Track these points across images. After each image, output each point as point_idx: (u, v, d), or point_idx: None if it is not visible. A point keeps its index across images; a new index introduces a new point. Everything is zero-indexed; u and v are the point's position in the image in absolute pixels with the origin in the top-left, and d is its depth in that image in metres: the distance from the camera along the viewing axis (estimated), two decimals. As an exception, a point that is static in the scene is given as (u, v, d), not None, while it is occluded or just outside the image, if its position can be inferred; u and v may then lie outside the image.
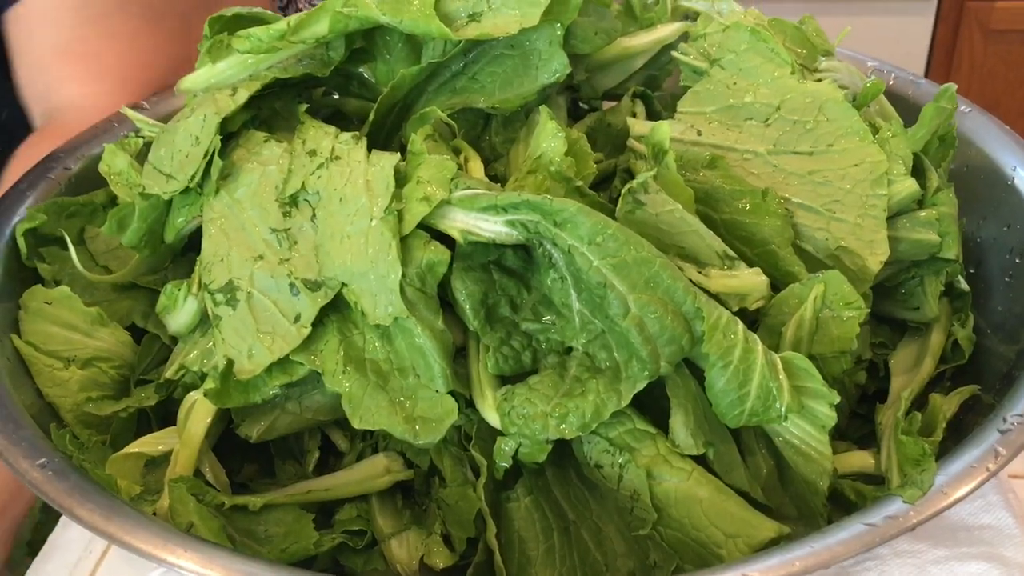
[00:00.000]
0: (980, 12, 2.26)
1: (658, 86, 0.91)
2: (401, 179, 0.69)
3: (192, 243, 0.81)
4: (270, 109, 0.81)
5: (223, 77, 0.80)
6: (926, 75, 2.41)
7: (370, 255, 0.66)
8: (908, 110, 0.89)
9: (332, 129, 0.74)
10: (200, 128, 0.75)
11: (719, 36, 0.82)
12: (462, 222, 0.66)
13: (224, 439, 0.76)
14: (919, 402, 0.78)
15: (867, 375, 0.80)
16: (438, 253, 0.66)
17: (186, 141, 0.76)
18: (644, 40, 0.86)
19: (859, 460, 0.74)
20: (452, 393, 0.67)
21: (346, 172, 0.70)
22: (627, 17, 0.89)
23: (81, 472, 0.66)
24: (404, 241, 0.66)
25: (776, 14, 0.89)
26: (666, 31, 0.86)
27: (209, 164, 0.73)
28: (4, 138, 1.12)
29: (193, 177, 0.74)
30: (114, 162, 0.86)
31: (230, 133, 0.77)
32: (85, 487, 0.64)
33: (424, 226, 0.67)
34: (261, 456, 0.79)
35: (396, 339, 0.67)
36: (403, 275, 0.65)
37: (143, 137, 0.90)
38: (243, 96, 0.76)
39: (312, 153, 0.73)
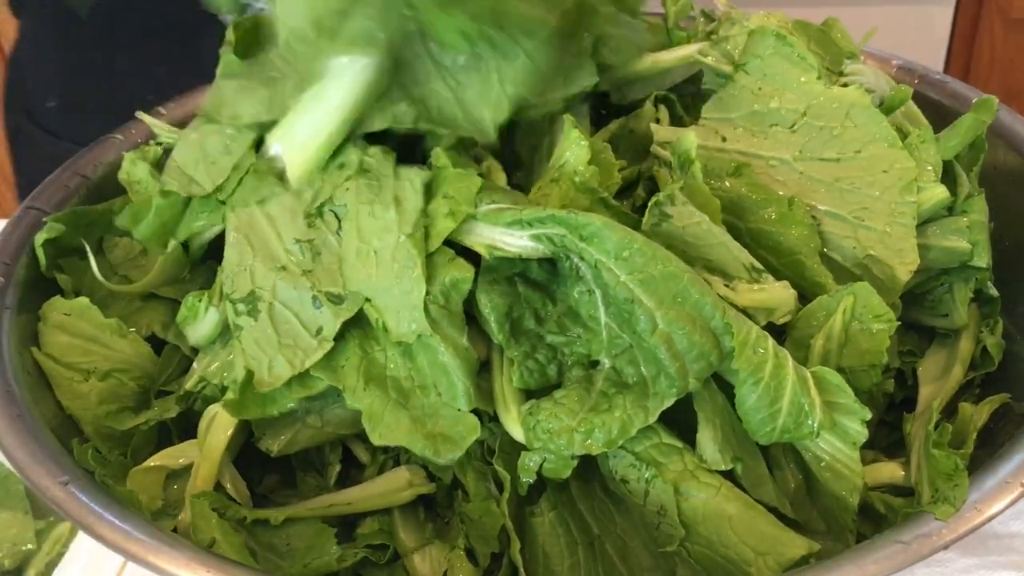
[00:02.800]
0: (1001, 0, 2.24)
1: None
2: (427, 194, 0.68)
3: (211, 252, 0.80)
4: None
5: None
6: (946, 64, 2.38)
7: (395, 271, 0.66)
8: (936, 110, 0.88)
9: (361, 142, 0.73)
10: (233, 139, 0.74)
11: (743, 39, 0.81)
12: (488, 237, 0.65)
13: (245, 450, 0.75)
14: (948, 410, 0.77)
15: (895, 383, 0.79)
16: (463, 271, 0.65)
17: (216, 148, 0.75)
18: (673, 56, 0.85)
19: (888, 472, 0.73)
20: (475, 409, 0.66)
21: (375, 186, 0.70)
22: (660, 35, 0.88)
23: (103, 489, 0.66)
24: (429, 258, 0.65)
25: (797, 8, 0.87)
26: (694, 48, 0.85)
27: (242, 178, 0.73)
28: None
29: (220, 187, 0.74)
30: (134, 170, 0.86)
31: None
32: (107, 505, 0.64)
33: (449, 241, 0.66)
34: (282, 467, 0.79)
35: (418, 356, 0.66)
36: (427, 292, 0.65)
37: (161, 144, 0.89)
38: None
39: (340, 165, 0.72)
